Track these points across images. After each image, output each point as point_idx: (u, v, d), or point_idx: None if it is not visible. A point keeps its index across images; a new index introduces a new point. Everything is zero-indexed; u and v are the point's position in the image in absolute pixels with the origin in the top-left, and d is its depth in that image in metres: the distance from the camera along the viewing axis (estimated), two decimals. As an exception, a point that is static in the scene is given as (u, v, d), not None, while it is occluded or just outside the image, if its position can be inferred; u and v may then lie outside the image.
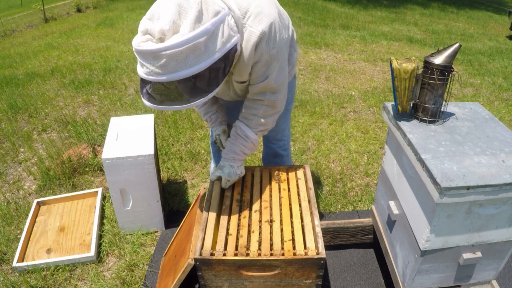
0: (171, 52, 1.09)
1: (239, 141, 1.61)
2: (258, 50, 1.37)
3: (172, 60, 1.10)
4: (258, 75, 1.46)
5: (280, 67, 1.47)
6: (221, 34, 1.19)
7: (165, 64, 1.11)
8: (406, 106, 1.50)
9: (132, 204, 2.17)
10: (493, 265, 1.52)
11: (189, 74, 1.14)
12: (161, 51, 1.09)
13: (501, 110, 3.99)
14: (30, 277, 2.00)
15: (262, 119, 1.57)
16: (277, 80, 1.49)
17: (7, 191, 2.73)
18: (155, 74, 1.13)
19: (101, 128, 3.50)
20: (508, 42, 7.36)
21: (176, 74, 1.13)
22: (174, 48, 1.09)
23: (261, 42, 1.35)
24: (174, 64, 1.11)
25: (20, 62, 5.59)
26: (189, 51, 1.11)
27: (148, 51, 1.10)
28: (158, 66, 1.11)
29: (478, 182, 1.19)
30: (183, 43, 1.09)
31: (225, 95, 1.71)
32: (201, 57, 1.14)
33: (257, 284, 1.43)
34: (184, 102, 1.21)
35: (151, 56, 1.11)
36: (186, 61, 1.12)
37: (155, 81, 1.15)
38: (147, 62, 1.13)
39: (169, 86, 1.18)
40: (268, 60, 1.41)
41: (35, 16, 9.71)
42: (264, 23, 1.33)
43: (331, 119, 3.69)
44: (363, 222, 2.07)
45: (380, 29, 7.72)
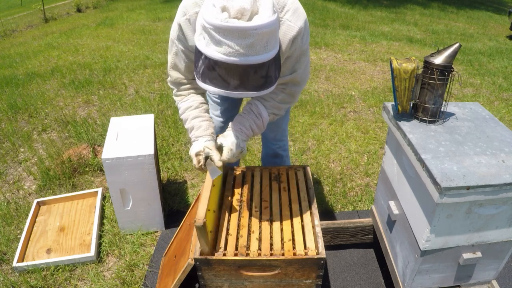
0: (261, 32, 1.04)
1: (251, 116, 1.53)
2: (294, 45, 1.39)
3: (259, 40, 1.05)
4: (287, 69, 1.48)
5: (307, 62, 1.51)
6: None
7: (252, 44, 1.05)
8: (406, 106, 1.50)
9: (132, 204, 2.17)
10: (493, 265, 1.52)
11: (268, 58, 1.10)
12: (252, 30, 1.03)
13: (501, 110, 3.99)
14: (30, 277, 2.00)
15: (278, 104, 1.56)
16: (302, 74, 1.52)
17: (7, 191, 2.73)
18: (238, 55, 1.05)
19: (101, 128, 3.50)
20: (508, 42, 7.36)
21: (260, 56, 1.07)
22: (263, 28, 1.04)
23: (297, 38, 1.37)
24: (260, 46, 1.06)
25: (20, 62, 5.59)
26: (271, 35, 1.08)
27: (237, 28, 1.02)
28: (244, 46, 1.04)
29: (478, 182, 1.19)
30: (270, 25, 1.06)
31: None
32: (275, 43, 1.12)
33: (257, 284, 1.43)
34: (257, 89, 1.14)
35: (239, 35, 1.03)
36: (267, 44, 1.08)
37: (236, 62, 1.06)
38: (231, 41, 1.04)
39: (248, 70, 1.09)
40: (299, 55, 1.44)
41: (35, 16, 9.71)
42: (302, 18, 1.37)
43: (331, 119, 3.69)
44: (363, 222, 2.07)
45: (380, 29, 7.72)
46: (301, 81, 1.55)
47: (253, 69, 1.10)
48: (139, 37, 6.82)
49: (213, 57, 1.09)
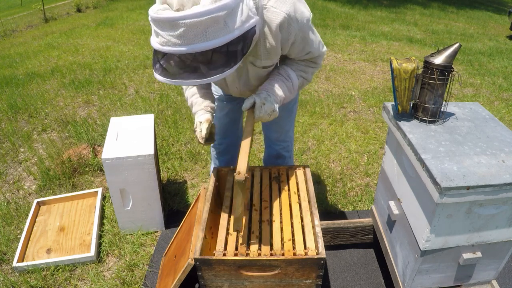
0: (191, 21, 1.05)
1: (280, 78, 1.53)
2: (286, 32, 1.37)
3: (191, 30, 1.07)
4: (299, 51, 1.49)
5: (314, 36, 1.49)
6: (241, 13, 1.16)
7: (183, 34, 1.07)
8: (406, 106, 1.50)
9: (132, 204, 2.17)
10: (493, 265, 1.52)
11: (207, 48, 1.10)
12: (180, 20, 1.05)
13: (501, 110, 3.99)
14: (30, 277, 2.00)
15: (305, 67, 1.57)
16: (317, 49, 1.53)
17: (7, 191, 2.73)
18: (171, 45, 1.09)
19: (101, 128, 3.50)
20: (508, 42, 7.36)
21: (193, 45, 1.09)
22: (194, 17, 1.05)
23: (285, 24, 1.35)
24: (193, 35, 1.07)
25: (20, 62, 5.59)
26: (208, 23, 1.08)
27: (166, 18, 1.06)
28: (175, 36, 1.07)
29: (478, 182, 1.19)
30: (204, 14, 1.06)
31: (234, 87, 1.67)
32: (220, 31, 1.11)
33: (257, 284, 1.43)
34: (199, 76, 1.16)
35: (169, 25, 1.07)
36: (205, 33, 1.09)
37: (170, 52, 1.10)
38: (163, 31, 1.09)
39: (185, 58, 1.13)
40: (303, 36, 1.43)
41: (35, 16, 9.70)
42: (288, 3, 1.34)
43: (331, 119, 3.69)
44: (363, 222, 2.07)
45: (380, 29, 7.72)
46: (319, 55, 1.56)
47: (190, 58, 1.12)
48: (139, 37, 6.82)
49: (154, 47, 1.14)
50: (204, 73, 1.16)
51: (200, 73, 1.16)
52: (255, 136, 3.39)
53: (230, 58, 1.19)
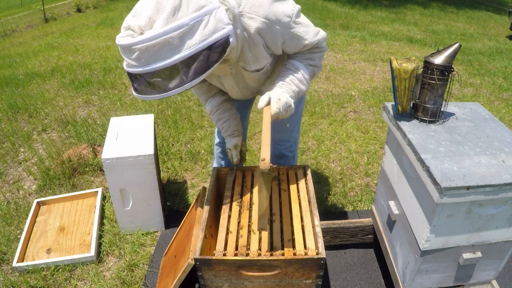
0: (142, 46, 1.14)
1: (288, 72, 1.54)
2: (275, 33, 1.39)
3: (144, 53, 1.15)
4: (294, 47, 1.50)
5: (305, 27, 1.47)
6: (203, 27, 1.19)
7: (138, 57, 1.16)
8: (406, 106, 1.50)
9: (132, 204, 2.17)
10: (493, 265, 1.52)
11: (161, 67, 1.18)
12: (133, 45, 1.14)
13: (501, 110, 3.99)
14: (30, 277, 2.00)
15: (310, 54, 1.57)
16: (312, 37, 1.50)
17: (7, 191, 2.73)
18: (132, 66, 1.19)
19: (101, 128, 3.50)
20: (508, 42, 7.36)
21: (149, 66, 1.17)
22: (144, 42, 1.13)
23: (272, 26, 1.36)
24: (147, 57, 1.16)
25: (20, 62, 5.59)
26: (160, 45, 1.15)
27: (122, 45, 1.17)
28: (133, 59, 1.17)
29: (478, 182, 1.19)
30: (154, 37, 1.13)
31: (234, 91, 1.70)
32: (174, 50, 1.17)
33: (257, 284, 1.43)
34: (162, 91, 1.25)
35: (127, 50, 1.17)
36: (158, 54, 1.16)
37: (133, 72, 1.21)
38: (125, 55, 1.20)
39: (146, 77, 1.23)
40: (292, 34, 1.43)
41: (35, 16, 9.70)
42: (264, 6, 1.33)
43: (331, 119, 3.69)
44: (363, 222, 2.07)
45: (380, 29, 7.72)
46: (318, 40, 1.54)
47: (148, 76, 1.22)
48: (139, 37, 6.82)
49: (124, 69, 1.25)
50: (165, 89, 1.25)
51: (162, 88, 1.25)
52: (255, 135, 3.40)
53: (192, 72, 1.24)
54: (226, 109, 1.77)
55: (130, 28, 1.20)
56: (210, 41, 1.21)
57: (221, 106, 1.76)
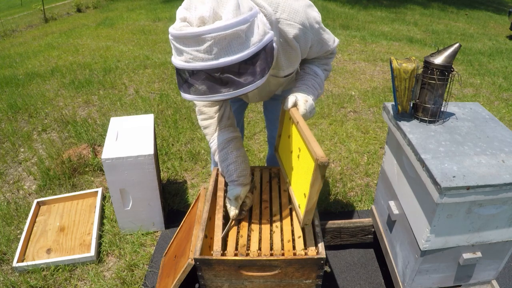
0: (216, 35, 1.06)
1: (309, 77, 1.58)
2: (308, 39, 1.42)
3: (216, 44, 1.07)
4: (317, 52, 1.55)
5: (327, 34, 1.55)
6: (257, 27, 1.17)
7: (209, 48, 1.07)
8: (406, 106, 1.50)
9: (132, 204, 2.17)
10: (493, 265, 1.52)
11: (234, 61, 1.10)
12: (205, 34, 1.05)
13: (501, 110, 3.99)
14: (30, 277, 2.00)
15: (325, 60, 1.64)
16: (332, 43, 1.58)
17: (7, 191, 2.73)
18: (198, 60, 1.09)
19: (101, 128, 3.50)
20: (508, 42, 7.36)
21: (221, 59, 1.09)
22: (219, 31, 1.06)
23: (306, 32, 1.39)
24: (218, 49, 1.08)
25: (20, 62, 5.59)
26: (232, 37, 1.08)
27: (191, 34, 1.06)
28: (202, 51, 1.07)
29: (478, 182, 1.19)
30: (228, 27, 1.06)
31: (254, 98, 1.73)
32: (243, 45, 1.12)
33: (257, 284, 1.43)
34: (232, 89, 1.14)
35: (194, 40, 1.07)
36: (230, 47, 1.09)
37: (198, 67, 1.10)
38: (189, 47, 1.08)
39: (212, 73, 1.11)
40: (319, 39, 1.49)
41: (35, 16, 9.71)
42: (301, 12, 1.36)
43: (331, 119, 3.69)
44: (363, 222, 2.07)
45: (380, 29, 7.72)
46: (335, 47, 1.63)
47: (218, 72, 1.11)
48: (139, 37, 6.83)
49: (178, 66, 1.13)
50: (237, 85, 1.15)
51: (233, 85, 1.14)
52: (255, 135, 3.39)
53: (259, 70, 1.19)
54: (235, 148, 1.57)
55: (187, 20, 1.11)
56: (265, 41, 1.19)
57: (229, 144, 1.56)
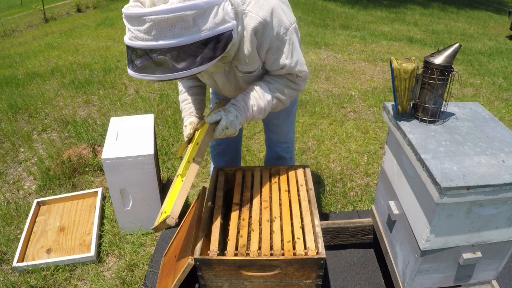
0: (156, 17, 1.08)
1: (253, 95, 1.52)
2: (261, 37, 1.38)
3: (156, 26, 1.09)
4: (273, 62, 1.47)
5: (293, 50, 1.47)
6: (214, 15, 1.18)
7: (148, 29, 1.10)
8: (406, 106, 1.50)
9: (132, 204, 2.17)
10: (493, 265, 1.52)
11: (173, 45, 1.13)
12: (147, 15, 1.09)
13: (501, 110, 3.99)
14: (30, 277, 2.00)
15: (281, 87, 1.55)
16: (295, 66, 1.49)
17: (7, 191, 2.73)
18: (138, 39, 1.12)
19: (101, 128, 3.50)
20: (508, 42, 7.36)
21: (159, 42, 1.12)
22: (159, 14, 1.08)
23: (261, 29, 1.36)
24: (159, 31, 1.10)
25: (20, 62, 5.59)
26: (175, 21, 1.10)
27: (133, 14, 1.10)
28: (142, 31, 1.11)
29: (478, 182, 1.19)
30: (170, 11, 1.08)
31: (226, 89, 1.69)
32: (187, 30, 1.13)
33: (257, 284, 1.43)
34: (166, 72, 1.18)
35: (136, 20, 1.11)
36: (172, 30, 1.11)
37: (137, 46, 1.13)
38: (132, 25, 1.13)
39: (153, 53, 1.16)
40: (279, 46, 1.42)
41: (35, 16, 9.70)
42: (265, 8, 1.34)
43: (331, 119, 3.69)
44: (363, 222, 2.07)
45: (380, 29, 7.72)
46: (298, 72, 1.53)
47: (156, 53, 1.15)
48: (139, 37, 6.81)
49: (125, 42, 1.18)
50: (171, 69, 1.17)
51: (167, 68, 1.17)
52: (255, 135, 3.39)
53: (200, 58, 1.20)
54: (194, 93, 1.74)
55: (140, 0, 1.15)
56: (219, 31, 1.20)
57: (191, 89, 1.73)
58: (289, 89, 1.57)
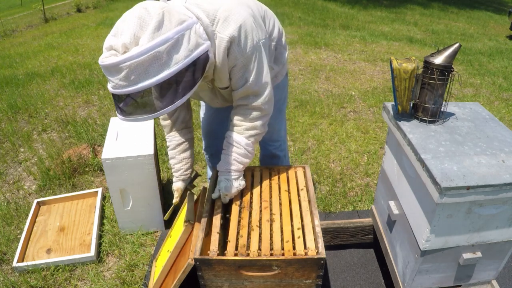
0: (131, 63, 1.10)
1: (231, 150, 1.57)
2: (231, 55, 1.36)
3: (133, 71, 1.11)
4: (237, 79, 1.44)
5: (259, 69, 1.44)
6: (187, 42, 1.19)
7: (127, 75, 1.11)
8: (406, 106, 1.50)
9: (132, 204, 2.17)
10: (493, 265, 1.52)
11: (152, 84, 1.14)
12: (121, 63, 1.10)
13: (501, 110, 3.99)
14: (30, 277, 2.00)
15: (250, 123, 1.54)
16: (257, 82, 1.46)
17: (7, 191, 2.73)
18: (120, 87, 1.14)
19: (101, 128, 3.50)
20: (508, 42, 7.36)
21: (139, 85, 1.13)
22: (132, 59, 1.10)
23: (232, 46, 1.34)
24: (137, 75, 1.12)
25: (20, 62, 5.59)
26: (149, 61, 1.11)
27: (109, 64, 1.11)
28: (121, 79, 1.12)
29: (478, 182, 1.19)
30: (141, 53, 1.10)
31: (214, 102, 1.70)
32: (164, 66, 1.14)
33: (257, 284, 1.43)
34: (152, 111, 1.21)
35: (114, 70, 1.12)
36: (148, 71, 1.12)
37: (121, 93, 1.16)
38: (111, 76, 1.14)
39: (135, 97, 1.19)
40: (244, 63, 1.40)
41: (35, 16, 9.71)
42: (232, 26, 1.32)
43: (331, 119, 3.69)
44: (363, 222, 2.07)
45: (380, 29, 7.72)
46: (260, 91, 1.49)
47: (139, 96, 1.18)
48: (139, 37, 6.82)
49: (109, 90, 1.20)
50: (155, 108, 1.20)
51: (152, 108, 1.20)
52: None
53: (182, 88, 1.22)
54: (182, 150, 1.77)
55: (113, 48, 1.16)
56: (194, 56, 1.21)
57: (178, 146, 1.76)
58: (258, 120, 1.55)
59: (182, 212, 1.88)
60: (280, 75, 1.82)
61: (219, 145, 2.10)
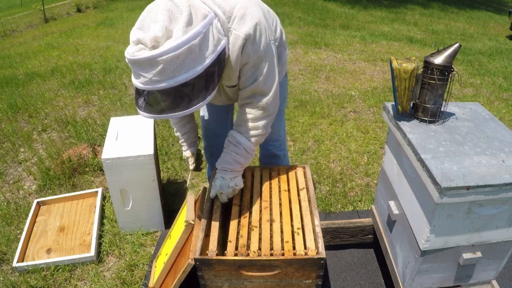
0: (167, 57, 1.08)
1: (231, 149, 1.56)
2: (245, 52, 1.36)
3: (169, 65, 1.09)
4: (247, 77, 1.44)
5: (269, 68, 1.45)
6: (212, 36, 1.19)
7: (162, 70, 1.09)
8: (406, 106, 1.50)
9: (132, 204, 2.17)
10: (493, 265, 1.53)
11: (188, 79, 1.13)
12: (157, 57, 1.08)
13: (501, 110, 3.99)
14: (30, 277, 2.00)
15: (253, 123, 1.53)
16: (266, 81, 1.46)
17: (7, 191, 2.73)
18: (153, 82, 1.12)
19: (101, 128, 3.50)
20: (508, 42, 7.36)
21: (175, 79, 1.11)
22: (170, 52, 1.08)
23: (246, 44, 1.34)
24: (172, 69, 1.10)
25: (20, 62, 5.59)
26: (184, 55, 1.11)
27: (144, 58, 1.09)
28: (156, 74, 1.10)
29: (478, 182, 1.19)
30: (178, 47, 1.09)
31: (217, 100, 1.70)
32: (197, 60, 1.14)
33: (257, 284, 1.43)
34: (183, 108, 1.19)
35: (148, 64, 1.10)
36: (183, 65, 1.11)
37: (154, 89, 1.13)
38: (143, 71, 1.12)
39: (168, 93, 1.15)
40: (256, 61, 1.40)
41: (35, 16, 9.70)
42: (249, 24, 1.33)
43: (331, 119, 3.69)
44: (363, 222, 2.07)
45: (380, 29, 7.72)
46: (268, 90, 1.48)
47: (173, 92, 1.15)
48: (139, 37, 6.81)
49: (137, 87, 1.17)
50: (187, 104, 1.19)
51: (183, 104, 1.19)
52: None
53: (209, 84, 1.22)
54: (187, 122, 1.81)
55: (141, 41, 1.13)
56: (219, 50, 1.21)
57: (183, 118, 1.78)
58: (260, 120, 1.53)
59: (182, 212, 1.88)
60: (280, 74, 1.82)
61: (219, 145, 2.09)
